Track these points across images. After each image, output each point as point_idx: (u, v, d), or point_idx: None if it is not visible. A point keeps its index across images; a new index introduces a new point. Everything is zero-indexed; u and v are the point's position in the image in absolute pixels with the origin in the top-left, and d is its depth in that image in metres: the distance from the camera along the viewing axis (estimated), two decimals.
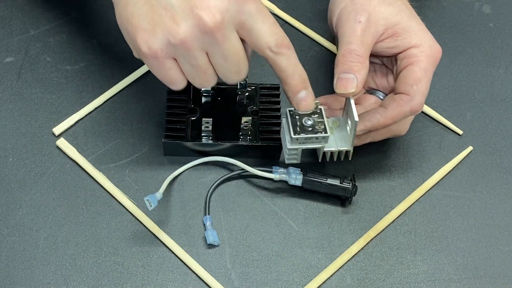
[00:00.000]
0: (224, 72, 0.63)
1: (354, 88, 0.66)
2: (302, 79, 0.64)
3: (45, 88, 0.78)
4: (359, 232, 0.71)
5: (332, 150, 0.69)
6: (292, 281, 0.68)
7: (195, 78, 0.64)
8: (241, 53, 0.62)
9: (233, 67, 0.63)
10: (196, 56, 0.61)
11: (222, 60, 0.62)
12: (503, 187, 0.75)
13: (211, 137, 0.72)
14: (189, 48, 0.61)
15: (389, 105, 0.68)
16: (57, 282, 0.66)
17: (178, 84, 0.64)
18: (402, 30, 0.69)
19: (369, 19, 0.68)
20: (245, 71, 0.64)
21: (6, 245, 0.68)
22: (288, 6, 0.87)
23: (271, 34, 0.61)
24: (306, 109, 0.65)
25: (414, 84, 0.68)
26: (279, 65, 0.63)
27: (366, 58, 0.68)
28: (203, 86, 0.64)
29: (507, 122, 0.79)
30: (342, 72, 0.67)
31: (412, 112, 0.68)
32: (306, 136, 0.66)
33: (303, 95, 0.64)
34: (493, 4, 0.89)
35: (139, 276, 0.67)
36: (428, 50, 0.69)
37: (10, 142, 0.74)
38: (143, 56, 0.62)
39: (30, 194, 0.71)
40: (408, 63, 0.69)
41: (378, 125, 0.68)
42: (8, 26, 0.82)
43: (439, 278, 0.69)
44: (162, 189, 0.69)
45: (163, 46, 0.61)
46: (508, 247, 0.71)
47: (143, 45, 0.61)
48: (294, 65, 0.63)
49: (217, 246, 0.69)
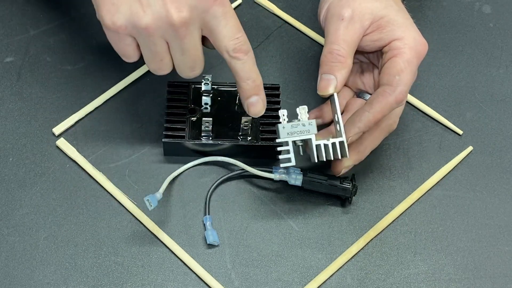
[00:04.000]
0: (179, 64, 0.66)
1: (333, 89, 0.68)
2: (254, 85, 0.66)
3: (45, 88, 0.78)
4: (359, 232, 0.71)
5: (323, 142, 0.67)
6: (292, 281, 0.68)
7: (150, 62, 0.66)
8: (199, 51, 0.65)
9: (188, 62, 0.65)
10: (156, 42, 0.63)
11: (179, 53, 0.64)
12: (503, 187, 0.75)
13: (211, 137, 0.72)
14: (151, 34, 0.62)
15: (374, 99, 0.68)
16: (57, 282, 0.66)
17: (131, 58, 0.67)
18: (387, 23, 0.69)
19: (353, 15, 0.69)
20: (199, 69, 0.67)
21: (6, 245, 0.68)
22: (288, 6, 0.87)
23: (230, 38, 0.64)
24: (256, 114, 0.68)
25: (396, 74, 0.68)
26: (234, 69, 0.65)
27: (348, 56, 0.68)
28: (157, 72, 0.67)
29: (507, 122, 0.79)
30: (323, 73, 0.68)
31: (397, 102, 0.68)
32: (292, 123, 0.66)
33: (253, 100, 0.67)
34: (493, 4, 0.89)
35: (139, 276, 0.67)
36: (412, 43, 0.69)
37: (10, 142, 0.74)
38: (105, 26, 0.64)
39: (30, 194, 0.71)
40: (391, 55, 0.69)
41: (369, 122, 0.67)
42: (8, 26, 0.82)
43: (439, 278, 0.69)
44: (162, 189, 0.69)
45: (127, 24, 0.62)
46: (508, 247, 0.71)
47: (107, 17, 0.63)
48: (248, 71, 0.65)
49: (217, 246, 0.69)
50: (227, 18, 0.63)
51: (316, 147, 0.66)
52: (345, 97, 0.74)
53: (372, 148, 0.71)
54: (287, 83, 0.80)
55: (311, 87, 0.79)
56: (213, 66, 0.79)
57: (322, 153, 0.67)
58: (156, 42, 0.63)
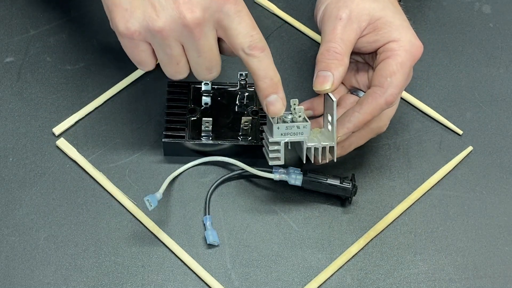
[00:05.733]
0: (196, 66, 0.65)
1: (330, 85, 0.67)
2: (272, 83, 0.65)
3: (45, 88, 0.78)
4: (359, 232, 0.71)
5: (314, 145, 0.67)
6: (292, 281, 0.68)
7: (166, 66, 0.66)
8: (215, 51, 0.65)
9: (205, 63, 0.65)
10: (171, 45, 0.63)
11: (196, 55, 0.64)
12: (503, 187, 0.75)
13: (211, 137, 0.72)
14: (165, 37, 0.62)
15: (364, 100, 0.68)
16: (57, 282, 0.66)
17: (148, 66, 0.66)
18: (383, 24, 0.69)
19: (351, 16, 0.69)
20: (216, 70, 0.66)
21: (6, 245, 0.68)
22: (288, 6, 0.87)
23: (246, 35, 0.63)
24: (275, 114, 0.66)
25: (388, 76, 0.68)
26: (250, 67, 0.64)
27: (345, 55, 0.68)
28: (174, 76, 0.66)
29: (507, 122, 0.79)
30: (320, 70, 0.68)
31: (387, 104, 0.68)
32: (287, 124, 0.66)
33: (271, 99, 0.65)
34: (493, 4, 0.89)
35: (139, 276, 0.67)
36: (407, 45, 0.69)
37: (10, 142, 0.74)
38: (119, 34, 0.63)
39: (30, 194, 0.71)
40: (385, 56, 0.69)
41: (358, 122, 0.67)
42: (8, 26, 0.82)
43: (439, 278, 0.69)
44: (162, 189, 0.69)
45: (141, 29, 0.62)
46: (508, 247, 0.71)
47: (120, 23, 0.62)
48: (266, 69, 0.64)
49: (217, 246, 0.69)
50: (241, 16, 0.63)
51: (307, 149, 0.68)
52: (339, 93, 0.74)
53: (356, 146, 0.72)
54: (287, 83, 0.79)
55: (311, 87, 0.79)
56: None
57: (311, 155, 0.68)
58: (172, 45, 0.63)
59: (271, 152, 0.67)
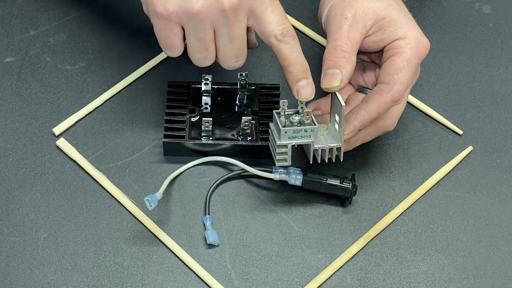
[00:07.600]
0: (225, 53, 0.66)
1: (339, 82, 0.67)
2: (303, 68, 0.66)
3: (45, 88, 0.78)
4: (359, 232, 0.71)
5: (322, 147, 0.68)
6: (292, 281, 0.68)
7: (196, 52, 0.66)
8: (245, 40, 0.66)
9: (235, 50, 0.66)
10: (205, 29, 0.64)
11: (228, 41, 0.65)
12: (503, 187, 0.75)
13: (211, 137, 0.72)
14: (201, 21, 0.63)
15: (370, 97, 0.68)
16: (57, 282, 0.66)
17: (176, 50, 0.67)
18: (389, 23, 0.69)
19: (356, 15, 0.69)
20: (243, 58, 0.67)
21: (6, 245, 0.68)
22: (288, 6, 0.87)
23: (278, 23, 0.65)
24: (305, 98, 0.67)
25: (394, 73, 0.68)
26: (282, 53, 0.66)
27: (352, 53, 0.68)
28: (201, 63, 0.67)
29: (507, 122, 0.79)
30: (328, 68, 0.68)
31: (394, 101, 0.68)
32: (294, 128, 0.66)
33: (303, 84, 0.66)
34: (493, 4, 0.89)
35: (139, 276, 0.67)
36: (414, 43, 0.69)
37: (10, 142, 0.74)
38: (155, 15, 0.64)
39: (30, 194, 0.71)
40: (391, 54, 0.69)
41: (364, 120, 0.67)
42: (8, 26, 0.82)
43: (439, 278, 0.69)
44: (162, 189, 0.69)
45: (178, 10, 0.63)
46: (508, 247, 0.71)
47: (159, 4, 0.63)
48: (297, 55, 0.66)
49: (217, 246, 0.69)
50: (274, 5, 0.65)
51: (314, 151, 0.68)
52: (346, 92, 0.74)
53: (362, 142, 0.72)
54: None
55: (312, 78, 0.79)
56: (213, 66, 0.79)
57: (318, 155, 0.68)
58: (206, 29, 0.64)
59: (278, 155, 0.68)
